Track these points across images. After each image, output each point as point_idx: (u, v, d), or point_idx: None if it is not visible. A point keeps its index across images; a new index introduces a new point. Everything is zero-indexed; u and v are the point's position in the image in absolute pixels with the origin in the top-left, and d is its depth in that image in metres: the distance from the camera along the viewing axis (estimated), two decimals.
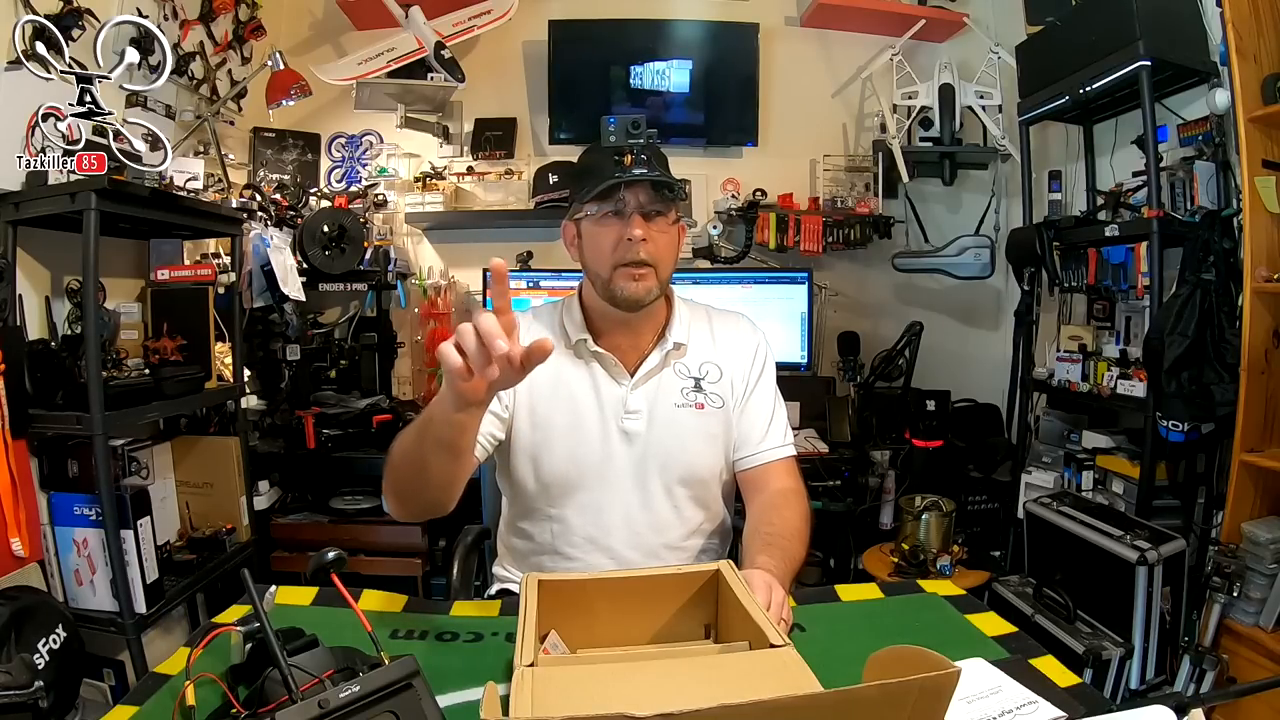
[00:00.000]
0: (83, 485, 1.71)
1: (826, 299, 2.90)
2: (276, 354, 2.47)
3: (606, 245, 1.09)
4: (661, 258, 1.10)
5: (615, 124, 1.07)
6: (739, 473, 1.23)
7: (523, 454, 1.16)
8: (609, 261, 1.09)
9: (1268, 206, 1.83)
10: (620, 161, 1.06)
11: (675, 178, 1.11)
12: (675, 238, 1.14)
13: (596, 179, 1.08)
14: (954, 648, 0.84)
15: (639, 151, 1.06)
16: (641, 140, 1.07)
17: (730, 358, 1.22)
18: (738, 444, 1.22)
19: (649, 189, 1.08)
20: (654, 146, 1.11)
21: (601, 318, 1.17)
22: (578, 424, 1.15)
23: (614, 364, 1.16)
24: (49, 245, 1.77)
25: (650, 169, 1.07)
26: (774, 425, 1.23)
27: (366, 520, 2.41)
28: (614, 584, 0.86)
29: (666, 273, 1.13)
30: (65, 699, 1.51)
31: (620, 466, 1.16)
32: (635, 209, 1.08)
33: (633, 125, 1.07)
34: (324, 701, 0.60)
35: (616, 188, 1.07)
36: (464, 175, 2.85)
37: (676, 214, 1.13)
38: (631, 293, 1.09)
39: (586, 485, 1.16)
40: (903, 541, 2.23)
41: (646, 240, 1.07)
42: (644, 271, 1.08)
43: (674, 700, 0.50)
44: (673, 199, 1.10)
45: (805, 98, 2.99)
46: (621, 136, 1.07)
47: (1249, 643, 1.77)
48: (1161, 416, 1.93)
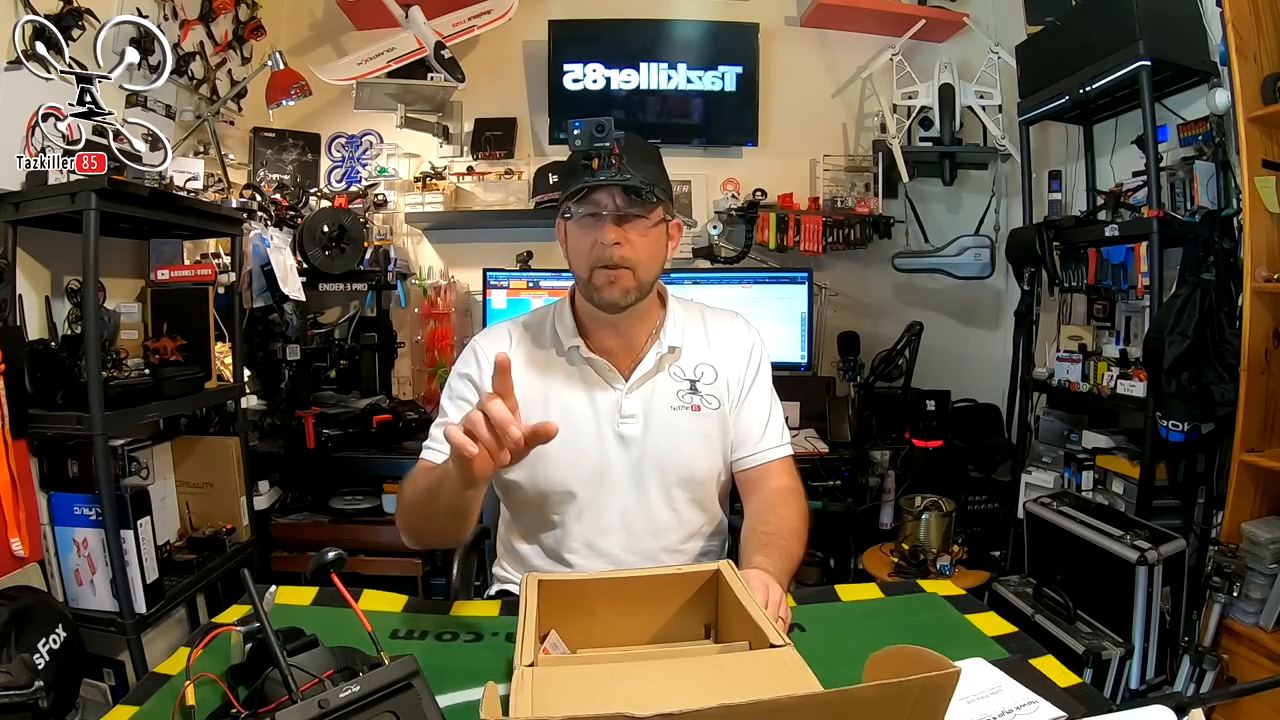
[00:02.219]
0: (83, 485, 1.71)
1: (826, 299, 2.90)
2: (276, 354, 2.47)
3: (584, 247, 1.09)
4: (640, 260, 1.08)
5: (580, 128, 1.03)
6: (737, 473, 1.22)
7: (519, 467, 1.13)
8: (586, 263, 1.09)
9: (1268, 206, 1.83)
10: (588, 166, 1.05)
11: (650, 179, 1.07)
12: (658, 239, 1.12)
13: (571, 180, 1.08)
14: (954, 648, 0.84)
15: (606, 155, 1.04)
16: (607, 144, 1.03)
17: (725, 358, 1.21)
18: (735, 444, 1.21)
19: (621, 192, 1.06)
20: (635, 145, 1.08)
21: (592, 320, 1.16)
22: (573, 432, 1.13)
23: (607, 369, 1.15)
24: (49, 245, 1.77)
25: (620, 172, 1.04)
26: (771, 425, 1.22)
27: (366, 520, 2.41)
28: (614, 584, 0.86)
29: (648, 274, 1.11)
30: (65, 699, 1.50)
31: (618, 471, 1.15)
32: (610, 212, 1.06)
33: (597, 129, 1.03)
34: (324, 701, 0.60)
35: (588, 191, 1.06)
36: (464, 175, 2.85)
37: (662, 214, 1.11)
38: (607, 295, 1.08)
39: (584, 492, 1.15)
40: (903, 541, 2.23)
41: (620, 244, 1.06)
42: (619, 274, 1.07)
43: (674, 700, 0.50)
44: (647, 200, 1.07)
45: (805, 98, 3.00)
46: (586, 141, 1.03)
47: (1249, 643, 1.77)
48: (1161, 416, 1.93)
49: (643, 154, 1.10)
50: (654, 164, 1.12)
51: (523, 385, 1.11)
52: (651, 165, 1.11)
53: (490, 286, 2.68)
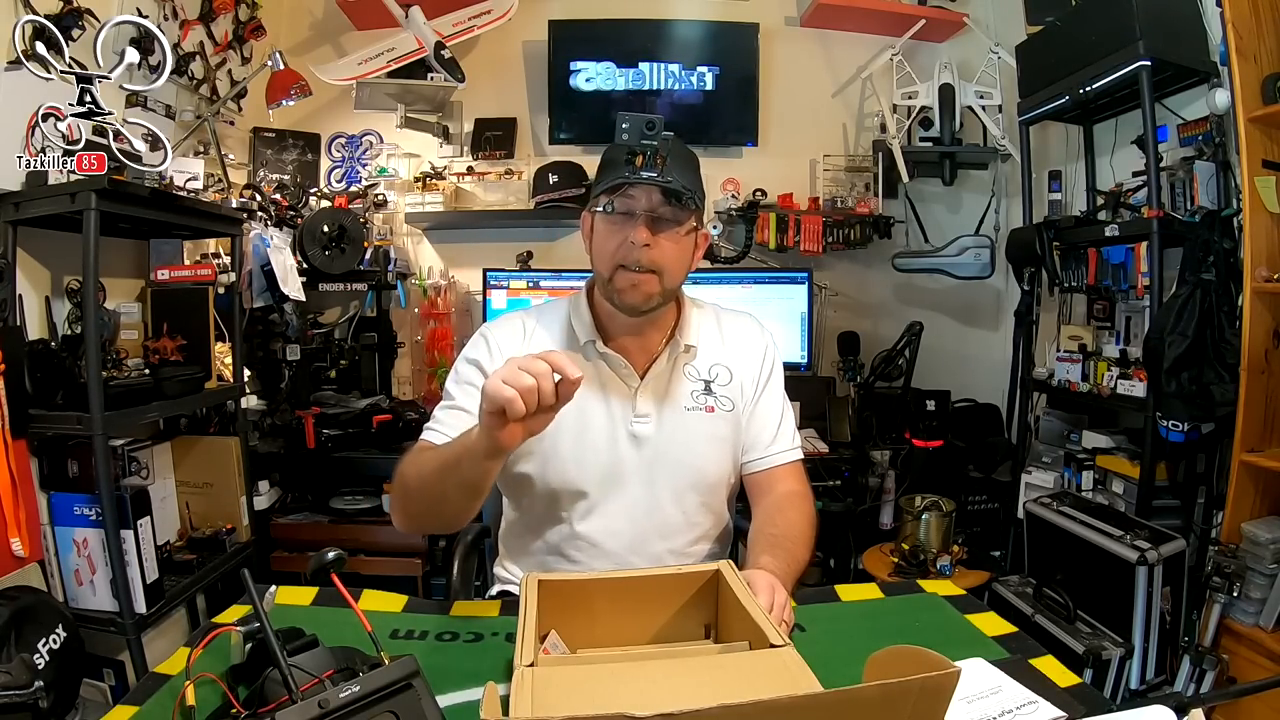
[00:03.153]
0: (83, 485, 1.71)
1: (826, 299, 2.90)
2: (276, 354, 2.47)
3: (611, 244, 1.06)
4: (667, 265, 1.06)
5: (629, 123, 0.99)
6: (746, 475, 1.21)
7: (528, 462, 1.14)
8: (611, 261, 1.06)
9: (1268, 206, 1.83)
10: (631, 162, 1.02)
11: (690, 185, 1.06)
12: (687, 247, 1.10)
13: (610, 175, 1.05)
14: (954, 648, 0.84)
15: (652, 154, 1.01)
16: (654, 142, 1.00)
17: (740, 360, 1.20)
18: (747, 447, 1.20)
19: (659, 194, 1.03)
20: (679, 149, 1.05)
21: (610, 318, 1.14)
22: (585, 429, 1.12)
23: (623, 365, 1.13)
24: (49, 245, 1.77)
25: (663, 173, 1.01)
26: (783, 428, 1.21)
27: (366, 520, 2.41)
28: (614, 584, 0.86)
29: (673, 281, 1.09)
30: (65, 699, 1.51)
31: (628, 471, 1.13)
32: (644, 212, 1.04)
33: (647, 126, 0.99)
34: (324, 701, 0.60)
35: (624, 187, 1.04)
36: (464, 175, 2.85)
37: (694, 223, 1.09)
38: (629, 299, 1.06)
39: (593, 491, 1.13)
40: (903, 541, 2.23)
41: (650, 246, 1.04)
42: (643, 277, 1.05)
43: (674, 700, 0.50)
44: (685, 207, 1.06)
45: (805, 98, 2.99)
46: (635, 137, 0.99)
47: (1249, 643, 1.77)
48: (1161, 416, 1.93)
49: (685, 159, 1.08)
50: (694, 171, 1.10)
51: None
52: (692, 172, 1.09)
53: (490, 286, 2.68)
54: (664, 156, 1.01)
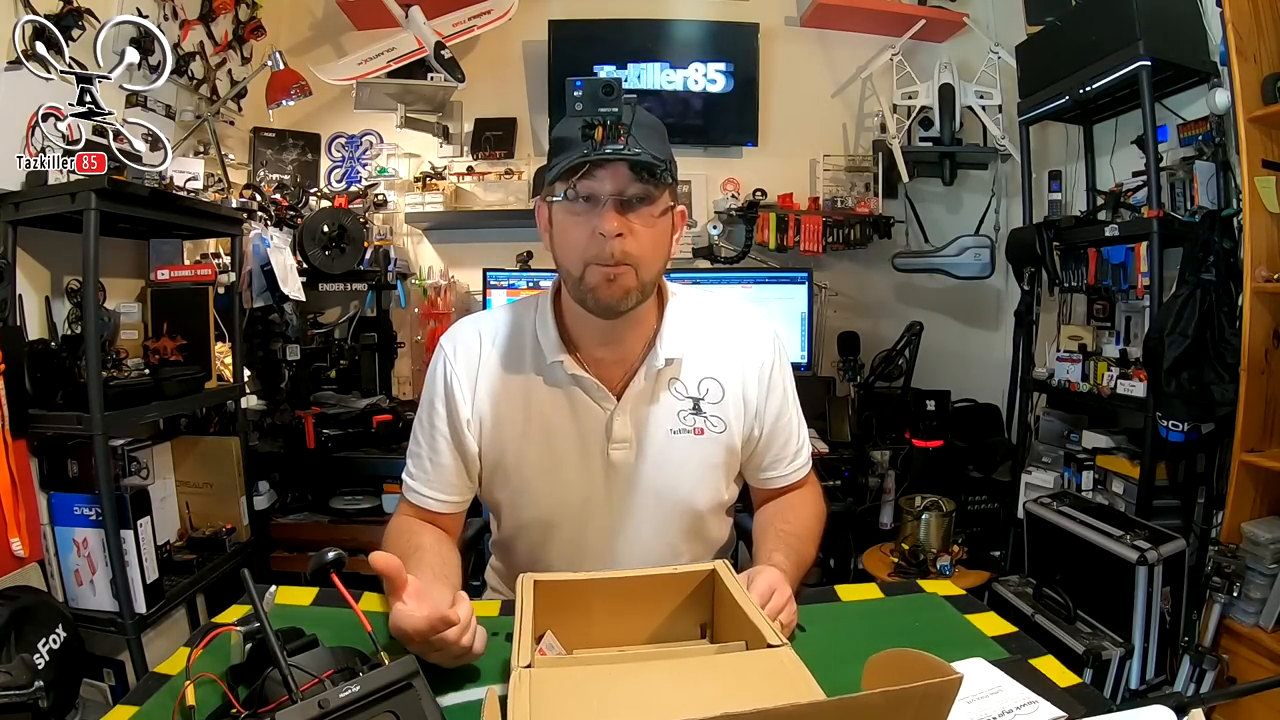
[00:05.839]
0: (83, 485, 1.71)
1: (826, 299, 2.90)
2: (276, 354, 2.47)
3: (576, 238, 0.91)
4: (644, 255, 0.91)
5: (582, 88, 0.82)
6: (763, 488, 1.13)
7: (502, 489, 1.06)
8: (579, 257, 0.91)
9: (1268, 206, 1.83)
10: (590, 136, 0.85)
11: (661, 155, 0.89)
12: (664, 230, 0.95)
13: (566, 154, 0.88)
14: (954, 648, 0.84)
15: (613, 123, 0.84)
16: (615, 109, 0.83)
17: (734, 371, 1.05)
18: (766, 466, 1.11)
19: (627, 170, 0.88)
20: (643, 116, 0.89)
21: (579, 324, 1.00)
22: (556, 463, 1.01)
23: (596, 387, 1.00)
24: (49, 245, 1.77)
25: (629, 145, 0.85)
26: (803, 445, 1.12)
27: (366, 520, 2.40)
28: (610, 584, 0.86)
29: (650, 273, 0.94)
30: (65, 699, 1.50)
31: (604, 503, 1.03)
32: (611, 195, 0.89)
33: (604, 90, 0.82)
34: (324, 701, 0.60)
35: (585, 167, 0.87)
36: (464, 175, 2.85)
37: (668, 201, 0.94)
38: (604, 297, 0.91)
39: (566, 524, 1.05)
40: (903, 541, 2.23)
41: (623, 235, 0.89)
42: (619, 271, 0.90)
43: (673, 703, 0.50)
44: (659, 181, 0.90)
45: (805, 98, 2.99)
46: (589, 106, 0.82)
47: (1249, 643, 1.77)
48: (1161, 416, 1.93)
49: (651, 126, 0.92)
50: (662, 139, 0.93)
51: (497, 406, 1.02)
52: (660, 141, 0.93)
53: (490, 286, 2.68)
54: (626, 125, 0.85)
